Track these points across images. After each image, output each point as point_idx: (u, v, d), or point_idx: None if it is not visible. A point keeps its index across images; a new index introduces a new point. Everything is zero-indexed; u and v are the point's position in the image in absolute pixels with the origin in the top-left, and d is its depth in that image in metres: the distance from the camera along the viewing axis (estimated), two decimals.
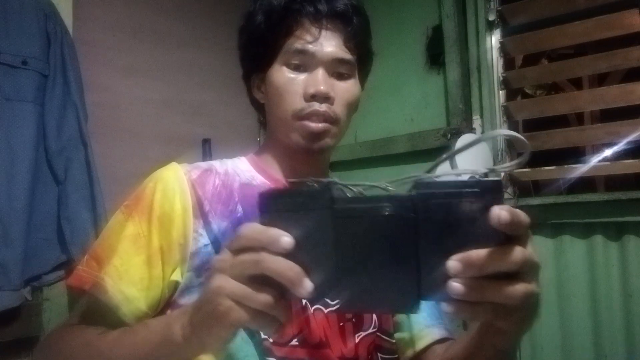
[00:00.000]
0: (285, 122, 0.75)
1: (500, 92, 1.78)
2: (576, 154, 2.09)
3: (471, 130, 1.78)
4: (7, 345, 1.43)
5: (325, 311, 0.72)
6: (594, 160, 1.62)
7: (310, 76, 0.74)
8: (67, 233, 1.49)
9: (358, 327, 0.75)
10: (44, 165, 1.50)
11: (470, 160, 1.56)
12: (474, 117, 1.81)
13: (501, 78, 1.78)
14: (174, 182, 0.73)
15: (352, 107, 0.79)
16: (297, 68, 0.75)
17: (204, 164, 0.79)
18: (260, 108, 0.84)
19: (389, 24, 2.07)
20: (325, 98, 0.73)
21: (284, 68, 0.75)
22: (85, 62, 1.63)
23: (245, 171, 0.80)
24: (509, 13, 1.76)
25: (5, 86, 1.42)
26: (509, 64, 1.84)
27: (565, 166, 1.65)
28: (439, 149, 1.82)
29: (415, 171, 0.48)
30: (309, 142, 0.75)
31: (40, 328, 1.50)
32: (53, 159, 1.50)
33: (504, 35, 1.78)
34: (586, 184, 2.01)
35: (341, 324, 0.74)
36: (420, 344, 0.80)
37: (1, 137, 1.41)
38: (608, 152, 1.60)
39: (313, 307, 0.72)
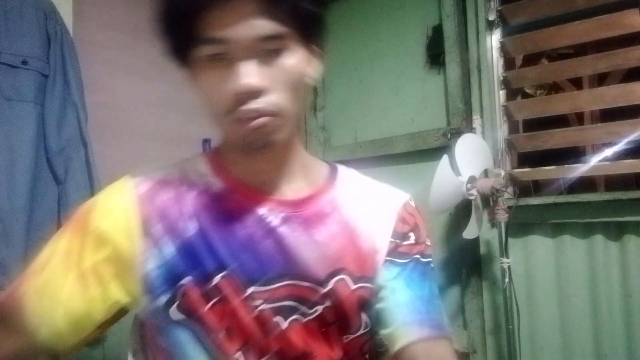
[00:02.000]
0: (219, 121, 0.65)
1: (501, 92, 1.78)
2: (576, 154, 2.10)
3: (471, 130, 1.78)
4: None
5: (304, 320, 0.67)
6: (594, 160, 1.62)
7: (232, 69, 0.60)
8: None
9: (344, 329, 0.69)
10: (44, 165, 1.50)
11: (470, 161, 1.56)
12: (474, 117, 1.81)
13: (501, 78, 1.78)
14: (118, 199, 0.67)
15: (299, 83, 0.64)
16: (216, 57, 0.61)
17: (159, 173, 0.71)
18: None
19: (389, 24, 2.07)
20: (255, 93, 0.60)
21: (202, 59, 0.62)
22: (85, 62, 1.62)
23: (204, 175, 0.71)
24: (509, 13, 1.76)
25: (5, 86, 1.42)
26: (509, 63, 1.84)
27: (565, 166, 1.66)
28: (439, 148, 1.82)
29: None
30: (249, 142, 0.64)
31: None
32: (53, 158, 1.50)
33: (504, 35, 1.78)
34: (586, 183, 2.01)
35: (323, 329, 0.68)
36: (396, 345, 0.67)
37: (1, 137, 1.41)
38: (608, 152, 1.60)
39: (288, 320, 0.66)
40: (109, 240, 0.64)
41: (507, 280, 1.52)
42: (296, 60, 0.63)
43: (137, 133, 1.87)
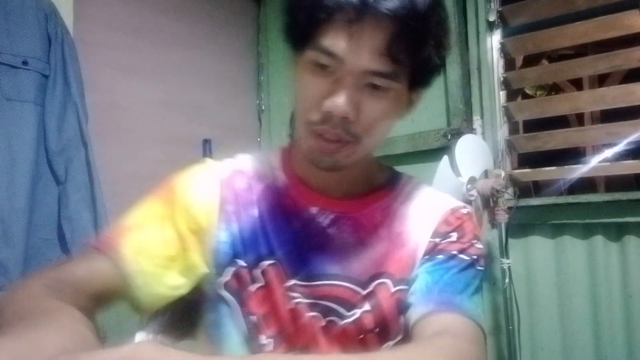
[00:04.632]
0: (300, 126, 0.67)
1: (501, 92, 1.79)
2: (576, 155, 2.10)
3: (472, 130, 1.78)
4: None
5: (341, 323, 0.67)
6: (594, 160, 1.62)
7: (334, 86, 0.61)
8: (68, 233, 1.48)
9: (384, 336, 0.68)
10: (44, 166, 1.50)
11: (470, 162, 1.56)
12: (475, 118, 1.81)
13: (502, 78, 1.78)
14: (205, 177, 0.74)
15: (385, 122, 0.66)
16: (325, 68, 0.62)
17: (235, 165, 0.77)
18: None
19: None
20: (344, 120, 0.61)
21: (311, 63, 0.63)
22: (85, 62, 1.62)
23: (274, 167, 0.76)
24: (509, 14, 1.76)
25: (6, 86, 1.42)
26: (509, 64, 1.84)
27: (566, 167, 1.66)
28: (439, 149, 1.82)
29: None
30: (317, 159, 0.66)
31: None
32: (53, 159, 1.50)
33: (504, 35, 1.78)
34: (586, 184, 2.02)
35: (361, 336, 0.67)
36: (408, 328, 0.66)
37: (1, 137, 1.41)
38: (608, 153, 1.60)
39: (324, 320, 0.67)
40: (195, 214, 0.70)
41: (507, 280, 1.52)
42: (396, 102, 0.64)
43: (137, 133, 1.87)
